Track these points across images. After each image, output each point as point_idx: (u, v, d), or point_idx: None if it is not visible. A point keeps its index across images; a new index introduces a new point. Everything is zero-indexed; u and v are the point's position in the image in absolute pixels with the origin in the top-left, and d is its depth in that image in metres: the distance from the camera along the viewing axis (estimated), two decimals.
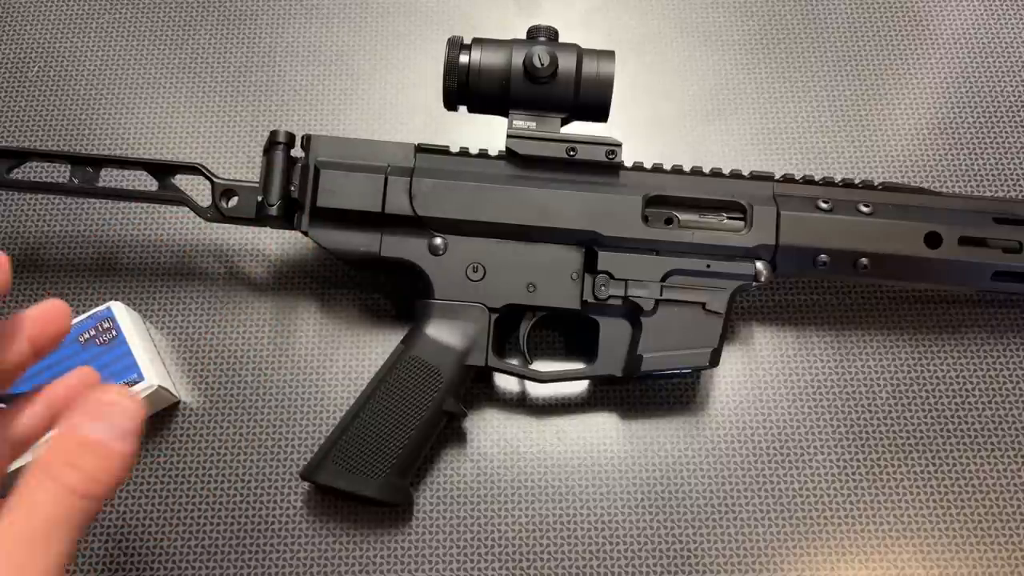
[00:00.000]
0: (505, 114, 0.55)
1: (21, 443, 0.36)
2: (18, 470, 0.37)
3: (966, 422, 0.58)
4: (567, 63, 0.53)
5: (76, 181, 0.56)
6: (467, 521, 0.56)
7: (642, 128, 0.66)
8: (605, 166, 0.55)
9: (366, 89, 0.68)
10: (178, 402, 0.58)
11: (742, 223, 0.55)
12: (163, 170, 0.56)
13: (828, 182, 0.57)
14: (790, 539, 0.55)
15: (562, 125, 0.55)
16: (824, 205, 0.55)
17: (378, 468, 0.52)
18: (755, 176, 0.56)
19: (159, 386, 0.54)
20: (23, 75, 0.67)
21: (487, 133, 0.60)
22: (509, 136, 0.54)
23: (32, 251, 0.62)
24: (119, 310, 0.56)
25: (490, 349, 0.54)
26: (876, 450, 0.58)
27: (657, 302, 0.54)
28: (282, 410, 0.58)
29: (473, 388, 0.58)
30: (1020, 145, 0.66)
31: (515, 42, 0.53)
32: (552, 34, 0.54)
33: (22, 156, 0.57)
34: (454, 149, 0.56)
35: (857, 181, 0.57)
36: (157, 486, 0.56)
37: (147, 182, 0.57)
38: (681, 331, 0.54)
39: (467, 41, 0.54)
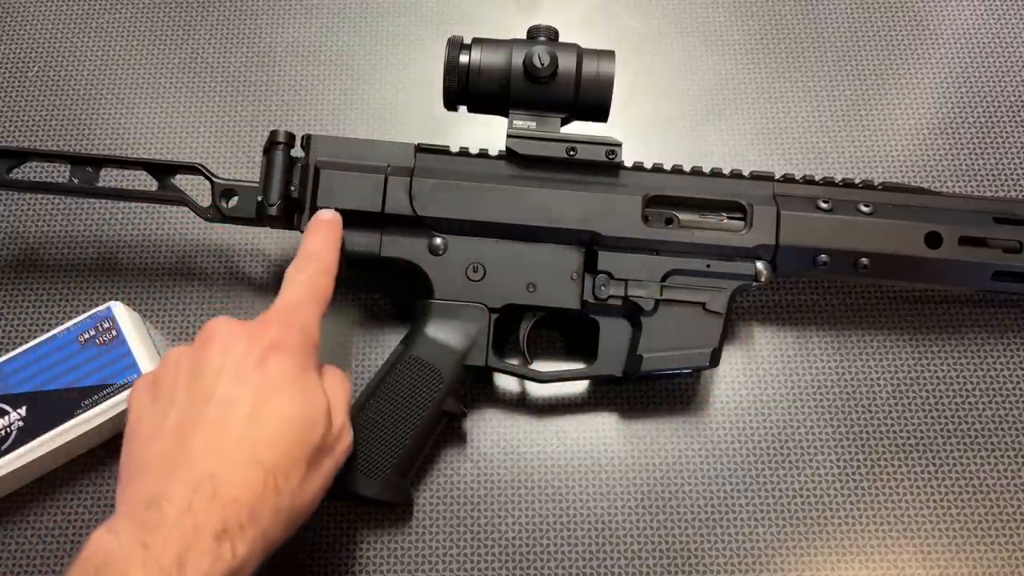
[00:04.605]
0: (505, 114, 0.55)
1: None
2: None
3: (966, 422, 0.58)
4: (567, 63, 0.53)
5: (76, 181, 0.56)
6: (467, 521, 0.56)
7: (642, 128, 0.66)
8: (605, 166, 0.55)
9: (366, 89, 0.68)
10: None
11: (742, 223, 0.55)
12: (163, 170, 0.56)
13: (828, 182, 0.56)
14: (790, 539, 0.55)
15: (562, 125, 0.55)
16: (824, 205, 0.55)
17: (378, 468, 0.52)
18: (755, 176, 0.56)
19: None
20: (23, 75, 0.67)
21: (487, 133, 0.60)
22: (509, 136, 0.54)
23: (32, 251, 0.62)
24: (119, 310, 0.56)
25: (490, 349, 0.54)
26: (876, 450, 0.58)
27: (657, 302, 0.54)
28: None
29: (473, 388, 0.58)
30: (1020, 145, 0.66)
31: (515, 42, 0.53)
32: (552, 34, 0.54)
33: (22, 156, 0.57)
34: (454, 149, 0.56)
35: (857, 181, 0.57)
36: None
37: (147, 182, 0.57)
38: (681, 331, 0.54)
39: (467, 41, 0.54)
